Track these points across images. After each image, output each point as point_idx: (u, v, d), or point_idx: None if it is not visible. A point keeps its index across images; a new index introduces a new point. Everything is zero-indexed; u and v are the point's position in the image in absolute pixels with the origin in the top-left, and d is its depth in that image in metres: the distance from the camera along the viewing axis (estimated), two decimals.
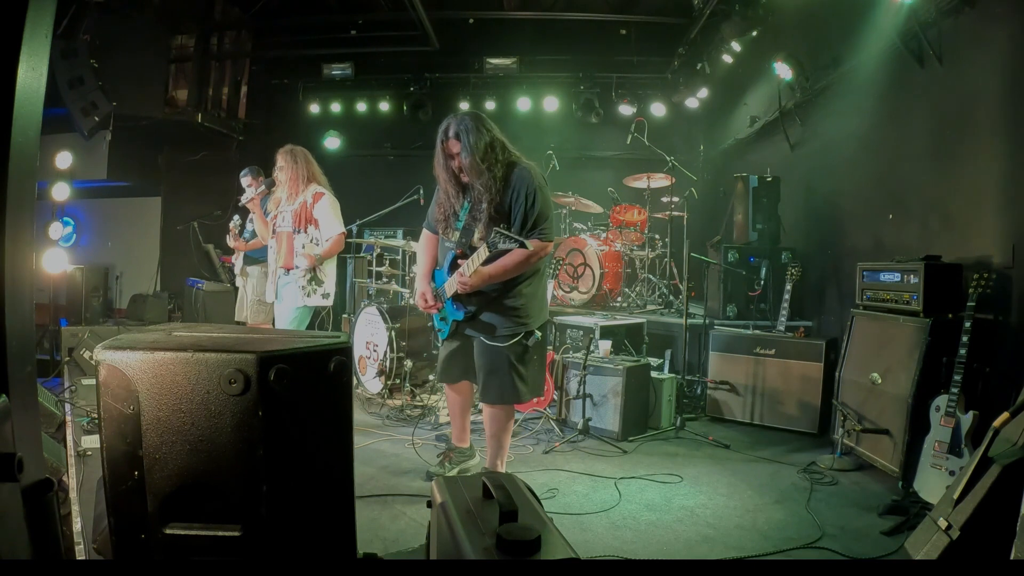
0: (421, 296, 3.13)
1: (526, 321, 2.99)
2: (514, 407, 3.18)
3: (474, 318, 3.01)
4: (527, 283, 3.01)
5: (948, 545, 2.15)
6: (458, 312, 3.04)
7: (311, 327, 4.23)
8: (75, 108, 5.51)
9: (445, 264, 3.07)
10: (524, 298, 2.99)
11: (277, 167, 4.00)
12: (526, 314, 2.99)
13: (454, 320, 3.09)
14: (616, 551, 2.60)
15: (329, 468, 1.65)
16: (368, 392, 5.09)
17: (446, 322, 3.15)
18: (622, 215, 6.09)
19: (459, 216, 3.01)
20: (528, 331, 3.00)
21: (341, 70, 7.91)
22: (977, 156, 3.44)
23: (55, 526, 1.30)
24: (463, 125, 2.87)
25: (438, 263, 3.17)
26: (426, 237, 3.24)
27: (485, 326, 2.99)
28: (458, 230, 3.02)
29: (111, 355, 1.48)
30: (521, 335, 2.98)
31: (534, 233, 2.85)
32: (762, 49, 5.51)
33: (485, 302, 2.98)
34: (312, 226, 3.96)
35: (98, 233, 8.54)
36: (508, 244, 2.67)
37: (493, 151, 2.87)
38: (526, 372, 3.03)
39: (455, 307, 3.05)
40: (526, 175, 2.89)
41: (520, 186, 2.86)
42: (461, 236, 3.01)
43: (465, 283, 2.86)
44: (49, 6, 1.28)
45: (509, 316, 2.96)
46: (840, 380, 3.85)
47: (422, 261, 3.22)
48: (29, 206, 1.29)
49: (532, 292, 3.03)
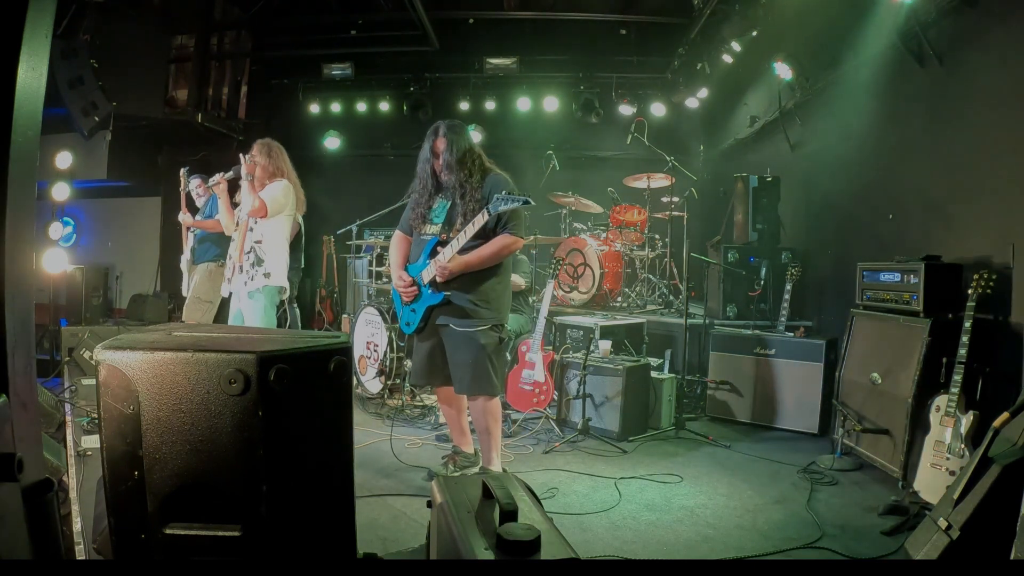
0: (398, 277, 3.24)
1: (497, 311, 3.16)
2: (497, 399, 3.24)
3: (448, 303, 3.11)
4: (498, 279, 3.18)
5: (948, 545, 2.15)
6: (434, 297, 3.13)
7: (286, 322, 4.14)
8: (75, 108, 5.50)
9: (422, 255, 3.18)
10: (496, 292, 3.16)
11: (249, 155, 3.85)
12: (496, 308, 3.16)
13: (428, 307, 3.17)
14: (616, 551, 2.60)
15: (329, 468, 1.65)
16: (368, 392, 5.09)
17: (416, 313, 3.23)
18: (622, 215, 6.08)
19: (434, 212, 3.21)
20: (499, 323, 3.17)
21: (341, 70, 7.90)
22: (977, 156, 3.44)
23: (55, 526, 1.30)
24: (452, 129, 3.16)
25: (411, 258, 3.29)
26: (398, 237, 3.39)
27: (458, 310, 3.11)
28: (436, 224, 3.18)
29: (111, 355, 1.48)
30: (492, 324, 3.12)
31: (507, 228, 3.07)
32: (762, 49, 5.50)
33: (459, 288, 3.10)
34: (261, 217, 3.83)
35: (98, 233, 8.55)
36: (509, 205, 2.87)
37: (471, 157, 3.15)
38: (498, 364, 3.18)
39: (431, 292, 3.15)
40: (500, 180, 3.13)
41: (496, 188, 3.06)
42: (443, 227, 3.15)
43: (444, 267, 3.02)
44: (49, 6, 1.28)
45: (481, 307, 3.11)
46: (840, 380, 3.86)
47: (395, 256, 3.36)
48: (29, 206, 1.29)
49: (502, 289, 3.22)
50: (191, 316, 5.00)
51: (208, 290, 5.06)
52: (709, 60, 6.42)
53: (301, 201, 4.04)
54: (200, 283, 5.06)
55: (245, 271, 3.81)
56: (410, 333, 3.32)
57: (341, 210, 7.33)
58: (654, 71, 7.83)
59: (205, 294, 5.04)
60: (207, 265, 5.06)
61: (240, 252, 3.84)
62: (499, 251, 3.07)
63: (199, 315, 4.99)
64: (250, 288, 3.79)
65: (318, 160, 8.31)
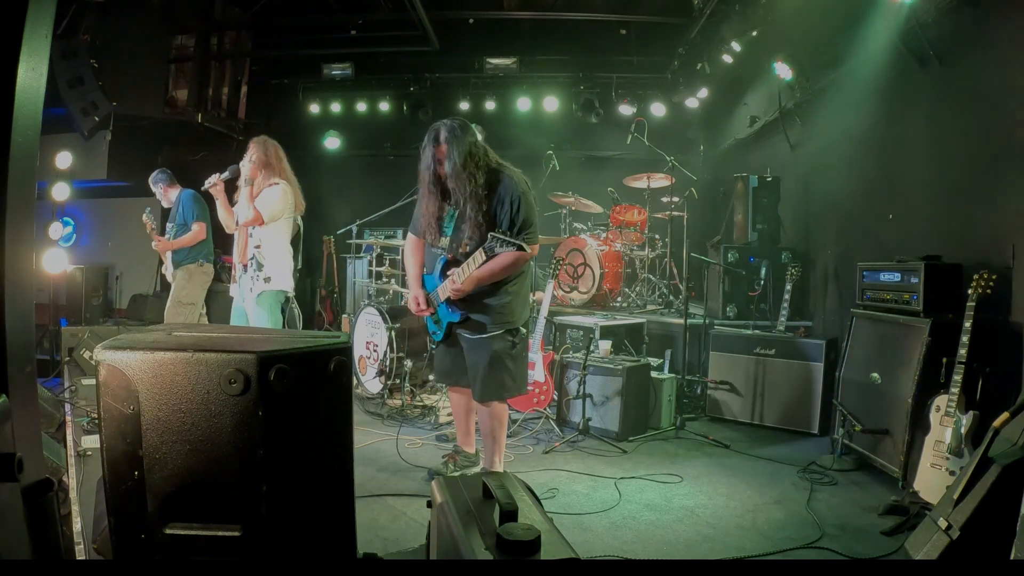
0: (414, 300, 3.23)
1: (511, 319, 3.13)
2: (507, 404, 3.25)
3: (468, 320, 3.12)
4: (513, 283, 3.15)
5: (948, 545, 2.15)
6: (453, 315, 3.15)
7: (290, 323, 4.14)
8: (75, 108, 5.50)
9: (436, 269, 3.18)
10: (510, 296, 3.13)
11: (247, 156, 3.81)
12: (511, 312, 3.13)
13: (449, 322, 3.20)
14: (616, 551, 2.60)
15: (329, 468, 1.65)
16: (368, 392, 5.09)
17: (440, 325, 3.25)
18: (622, 215, 6.08)
19: (444, 222, 3.15)
20: (513, 327, 3.14)
21: (341, 70, 7.89)
22: (977, 156, 3.43)
23: (55, 526, 1.30)
24: (452, 133, 2.99)
25: (427, 268, 3.28)
26: (412, 242, 3.34)
27: (476, 324, 3.12)
28: (446, 236, 3.14)
29: (111, 355, 1.48)
30: (505, 330, 3.10)
31: (520, 238, 2.96)
32: (762, 49, 5.50)
33: (475, 302, 3.09)
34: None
35: (98, 233, 8.54)
36: (504, 248, 2.79)
37: (475, 158, 3.00)
38: (514, 368, 3.16)
39: (450, 310, 3.16)
40: (510, 182, 3.02)
41: (505, 193, 2.99)
42: (451, 242, 3.12)
43: (458, 289, 3.00)
44: (49, 6, 1.28)
45: (496, 313, 3.09)
46: (840, 380, 3.85)
47: (411, 266, 3.32)
48: (29, 206, 1.29)
49: (517, 291, 3.17)
50: (173, 320, 4.94)
51: (189, 292, 5.01)
52: (709, 60, 6.41)
53: (300, 203, 4.03)
54: (180, 286, 5.01)
55: (249, 274, 3.82)
56: (439, 341, 3.32)
57: (341, 210, 7.33)
58: (654, 71, 7.82)
59: (186, 296, 4.99)
60: (186, 268, 5.02)
61: (243, 253, 3.84)
62: (510, 265, 3.02)
63: (181, 319, 4.94)
64: (254, 293, 3.79)
65: (318, 160, 8.31)
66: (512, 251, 2.87)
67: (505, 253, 2.90)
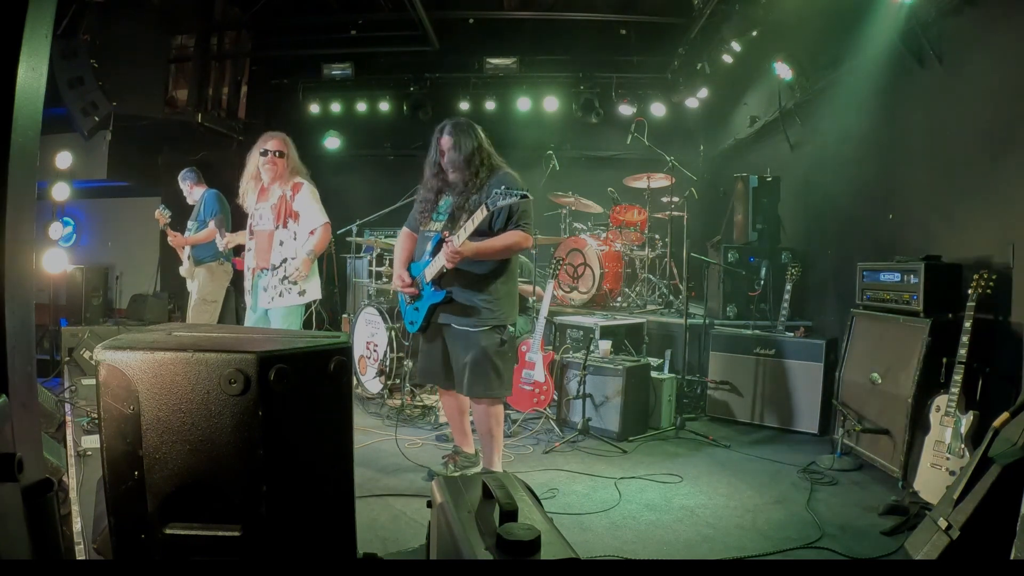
0: (398, 277, 3.24)
1: (499, 316, 3.12)
2: (501, 402, 3.23)
3: (451, 302, 3.10)
4: (503, 281, 3.14)
5: (948, 545, 2.15)
6: (437, 294, 3.12)
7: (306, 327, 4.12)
8: (75, 108, 5.50)
9: (426, 252, 3.17)
10: (499, 294, 3.13)
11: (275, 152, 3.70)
12: (500, 309, 3.12)
13: (430, 305, 3.15)
14: (616, 551, 2.60)
15: (329, 468, 1.65)
16: (368, 392, 5.09)
17: (419, 312, 3.21)
18: (622, 215, 6.08)
19: (439, 210, 3.19)
20: (501, 324, 3.13)
21: (341, 70, 7.90)
22: (977, 156, 3.43)
23: (55, 526, 1.30)
24: (457, 127, 3.11)
25: (416, 255, 3.29)
26: (405, 234, 3.39)
27: (460, 308, 3.09)
28: (440, 221, 3.16)
29: (111, 355, 1.48)
30: (493, 326, 3.09)
31: (518, 226, 3.03)
32: (762, 49, 5.50)
33: (462, 286, 3.08)
34: (292, 220, 3.71)
35: (98, 233, 8.55)
36: (507, 200, 2.80)
37: (479, 155, 3.11)
38: (502, 366, 3.13)
39: (434, 290, 3.14)
40: (509, 178, 3.08)
41: (498, 184, 2.99)
42: (446, 224, 3.13)
43: (456, 251, 2.94)
44: (49, 6, 1.28)
45: (482, 305, 3.09)
46: (840, 380, 3.86)
47: (399, 251, 3.36)
48: (29, 206, 1.29)
49: (507, 291, 3.18)
50: (198, 319, 4.95)
51: (212, 290, 5.03)
52: (709, 60, 6.41)
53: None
54: (203, 284, 5.01)
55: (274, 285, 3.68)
56: (414, 332, 3.31)
57: (341, 210, 7.30)
58: (654, 71, 7.83)
59: (210, 295, 5.02)
60: (208, 266, 5.03)
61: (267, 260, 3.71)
62: (510, 245, 3.04)
63: (206, 317, 4.95)
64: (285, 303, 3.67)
65: (318, 160, 8.28)
66: (513, 231, 3.00)
67: (508, 232, 3.01)
